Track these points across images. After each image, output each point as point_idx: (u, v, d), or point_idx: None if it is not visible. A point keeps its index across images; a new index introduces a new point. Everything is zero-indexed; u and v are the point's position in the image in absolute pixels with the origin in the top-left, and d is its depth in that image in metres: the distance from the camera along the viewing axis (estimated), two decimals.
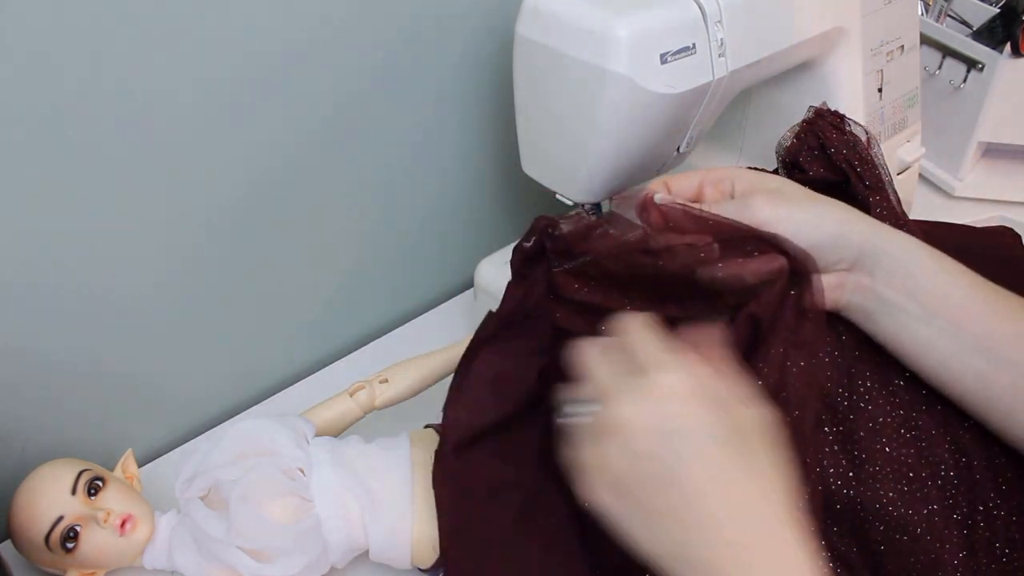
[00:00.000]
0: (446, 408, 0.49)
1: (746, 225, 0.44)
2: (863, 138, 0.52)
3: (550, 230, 0.47)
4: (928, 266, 0.44)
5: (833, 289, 0.45)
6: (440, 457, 0.48)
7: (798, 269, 0.42)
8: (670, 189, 0.48)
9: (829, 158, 0.51)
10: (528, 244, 0.48)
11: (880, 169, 0.51)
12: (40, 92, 0.47)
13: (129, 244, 0.55)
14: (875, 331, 0.46)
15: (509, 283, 0.50)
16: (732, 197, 0.48)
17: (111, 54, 0.48)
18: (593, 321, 0.44)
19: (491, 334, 0.49)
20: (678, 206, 0.46)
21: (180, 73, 0.51)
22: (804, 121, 0.53)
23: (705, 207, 0.46)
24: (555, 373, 0.43)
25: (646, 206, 0.48)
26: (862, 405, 0.45)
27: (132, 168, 0.52)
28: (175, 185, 0.55)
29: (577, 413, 0.38)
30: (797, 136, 0.53)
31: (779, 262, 0.42)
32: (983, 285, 0.44)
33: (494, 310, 0.50)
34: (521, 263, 0.49)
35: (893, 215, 0.49)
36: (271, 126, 0.58)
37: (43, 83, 0.46)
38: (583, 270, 0.47)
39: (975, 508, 0.44)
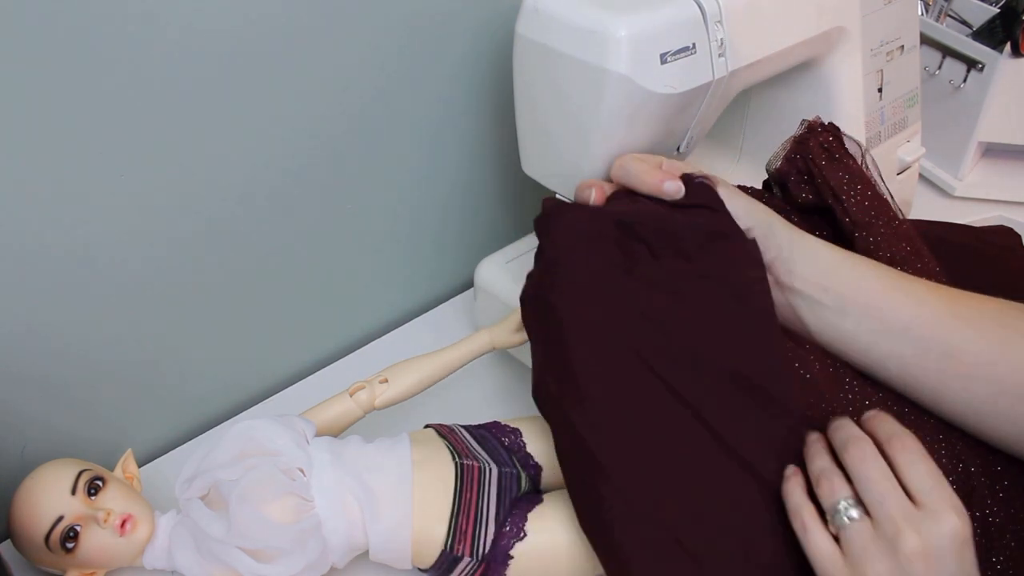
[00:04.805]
0: None
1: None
2: (856, 155, 0.52)
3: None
4: (840, 261, 0.47)
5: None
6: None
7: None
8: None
9: (817, 187, 0.51)
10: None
11: (874, 186, 0.51)
12: (48, 85, 0.47)
13: (128, 247, 0.55)
14: (805, 330, 0.48)
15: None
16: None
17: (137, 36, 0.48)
18: None
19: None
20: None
21: (180, 75, 0.51)
22: (794, 140, 0.53)
23: None
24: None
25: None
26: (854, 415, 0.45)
27: (133, 169, 0.52)
28: (174, 188, 0.55)
29: (847, 514, 0.39)
30: (787, 158, 0.53)
31: None
32: (899, 276, 0.46)
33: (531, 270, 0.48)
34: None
35: (882, 246, 0.50)
36: (269, 128, 0.58)
37: (50, 78, 0.47)
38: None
39: (972, 515, 0.43)
